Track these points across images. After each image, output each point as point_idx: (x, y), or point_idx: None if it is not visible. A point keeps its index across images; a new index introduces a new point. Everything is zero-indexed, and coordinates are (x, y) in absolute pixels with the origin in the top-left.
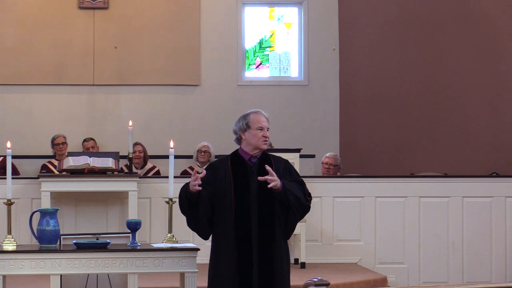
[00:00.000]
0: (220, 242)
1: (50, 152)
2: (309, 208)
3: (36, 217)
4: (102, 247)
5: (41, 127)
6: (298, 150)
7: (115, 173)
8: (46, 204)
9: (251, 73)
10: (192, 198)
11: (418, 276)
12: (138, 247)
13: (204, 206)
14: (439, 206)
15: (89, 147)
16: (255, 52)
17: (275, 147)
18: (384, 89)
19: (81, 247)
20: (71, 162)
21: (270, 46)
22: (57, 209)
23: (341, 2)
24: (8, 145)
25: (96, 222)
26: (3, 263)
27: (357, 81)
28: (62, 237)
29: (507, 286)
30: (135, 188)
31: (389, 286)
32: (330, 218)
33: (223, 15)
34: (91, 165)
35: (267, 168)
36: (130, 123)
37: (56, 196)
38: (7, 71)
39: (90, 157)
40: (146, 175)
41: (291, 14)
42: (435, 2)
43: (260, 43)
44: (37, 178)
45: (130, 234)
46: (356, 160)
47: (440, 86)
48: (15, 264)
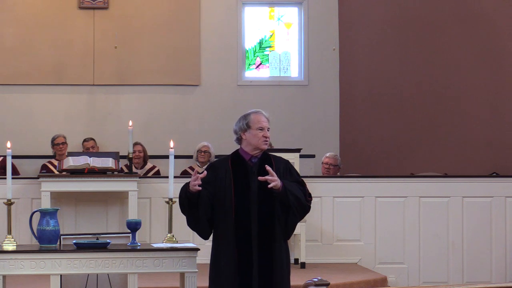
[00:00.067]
0: (220, 242)
1: (50, 152)
2: (309, 209)
3: (36, 217)
4: (102, 247)
5: (41, 127)
6: (298, 150)
7: (115, 173)
8: (46, 204)
9: (251, 73)
10: (192, 198)
11: (418, 276)
12: (138, 247)
13: (204, 206)
14: (439, 206)
15: (89, 147)
16: (255, 52)
17: (275, 147)
18: (384, 89)
19: (81, 247)
20: (71, 162)
21: (270, 46)
22: (57, 209)
23: (341, 2)
24: (8, 145)
25: (96, 222)
26: (3, 263)
27: (357, 81)
28: (62, 237)
29: (507, 286)
30: (135, 188)
31: (389, 286)
32: (330, 218)
33: (223, 15)
34: (91, 165)
35: (267, 168)
36: (130, 123)
37: (56, 196)
38: (7, 71)
39: (90, 157)
40: (146, 175)
41: (291, 14)
42: (435, 2)
43: (260, 43)
44: (37, 178)
45: (130, 234)
46: (356, 160)
47: (440, 86)
48: (15, 264)
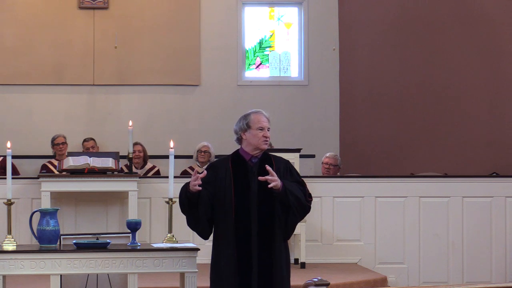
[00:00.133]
0: (220, 242)
1: (50, 152)
2: (310, 209)
3: (36, 217)
4: (102, 247)
5: (41, 127)
6: (298, 150)
7: (115, 173)
8: (46, 204)
9: (251, 73)
10: (192, 198)
11: (418, 276)
12: (138, 247)
13: (204, 206)
14: (439, 206)
15: (89, 147)
16: (255, 52)
17: (275, 147)
18: (384, 89)
19: (81, 247)
20: (71, 162)
21: (270, 46)
22: (57, 209)
23: (341, 2)
24: (8, 145)
25: (96, 222)
26: (3, 263)
27: (357, 81)
28: (62, 237)
29: (507, 286)
30: (135, 188)
31: (389, 286)
32: (330, 218)
33: (223, 15)
34: (91, 165)
35: (268, 168)
36: (130, 123)
37: (56, 196)
38: (7, 71)
39: (90, 157)
40: (146, 175)
41: (291, 14)
42: (435, 2)
43: (260, 43)
44: (37, 178)
45: (130, 234)
46: (356, 160)
47: (440, 86)
48: (15, 264)
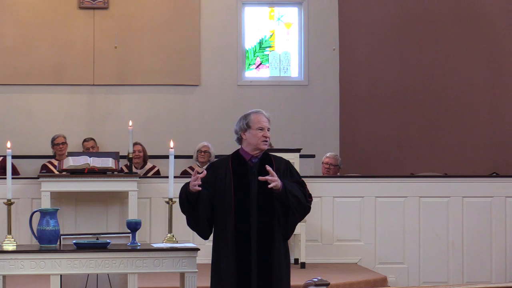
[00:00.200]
0: (220, 242)
1: (50, 152)
2: (310, 209)
3: (36, 217)
4: (102, 247)
5: (41, 127)
6: (298, 150)
7: (115, 173)
8: (46, 204)
9: (251, 73)
10: (192, 198)
11: (418, 276)
12: (138, 247)
13: (204, 206)
14: (439, 206)
15: (89, 147)
16: (255, 52)
17: (275, 147)
18: (384, 89)
19: (81, 247)
20: (71, 162)
21: (270, 46)
22: (57, 209)
23: (341, 2)
24: (8, 145)
25: (96, 222)
26: (3, 263)
27: (357, 81)
28: (62, 237)
29: (507, 286)
30: (135, 188)
31: (389, 286)
32: (330, 218)
33: (223, 15)
34: (91, 165)
35: (268, 168)
36: (130, 123)
37: (56, 196)
38: (7, 71)
39: (90, 157)
40: (146, 175)
41: (291, 14)
42: (435, 2)
43: (260, 43)
44: (37, 178)
45: (130, 234)
46: (356, 160)
47: (440, 86)
48: (15, 264)
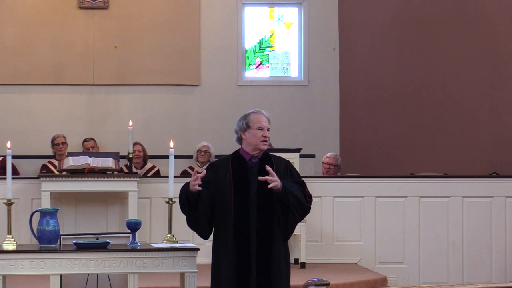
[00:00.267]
0: (220, 242)
1: (50, 152)
2: (309, 209)
3: (36, 217)
4: (102, 247)
5: (41, 127)
6: (298, 150)
7: (115, 173)
8: (46, 204)
9: (251, 73)
10: (192, 198)
11: (418, 276)
12: (138, 247)
13: (204, 206)
14: (439, 206)
15: (89, 147)
16: (255, 52)
17: (275, 147)
18: (384, 89)
19: (81, 247)
20: (71, 162)
21: (270, 46)
22: (57, 209)
23: (341, 2)
24: (8, 145)
25: (96, 222)
26: (3, 263)
27: (357, 81)
28: (62, 237)
29: (507, 286)
30: (135, 188)
31: (389, 286)
32: (330, 218)
33: (223, 15)
34: (91, 165)
35: (267, 168)
36: (130, 123)
37: (56, 196)
38: (7, 71)
39: (90, 157)
40: (146, 175)
41: (291, 14)
42: (435, 3)
43: (260, 43)
44: (37, 178)
45: (130, 234)
46: (356, 160)
47: (440, 86)
48: (15, 264)
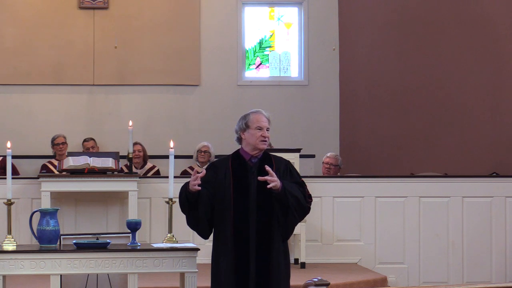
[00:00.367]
0: (220, 242)
1: (50, 152)
2: (309, 210)
3: (36, 217)
4: (102, 247)
5: (41, 127)
6: (298, 150)
7: (115, 173)
8: (46, 204)
9: (251, 73)
10: (192, 198)
11: (418, 276)
12: (138, 247)
13: (204, 206)
14: (439, 206)
15: (89, 147)
16: (255, 52)
17: (275, 147)
18: (384, 89)
19: (81, 247)
20: (71, 162)
21: (270, 46)
22: (57, 209)
23: (341, 2)
24: (8, 145)
25: (96, 222)
26: (3, 263)
27: (357, 81)
28: (62, 237)
29: (507, 286)
30: (135, 188)
31: (389, 286)
32: (330, 218)
33: (223, 15)
34: (91, 165)
35: (267, 169)
36: (130, 123)
37: (56, 196)
38: (7, 71)
39: (90, 157)
40: (146, 175)
41: (291, 14)
42: (435, 3)
43: (260, 43)
44: (37, 178)
45: (130, 234)
46: (356, 160)
47: (440, 86)
48: (15, 264)
